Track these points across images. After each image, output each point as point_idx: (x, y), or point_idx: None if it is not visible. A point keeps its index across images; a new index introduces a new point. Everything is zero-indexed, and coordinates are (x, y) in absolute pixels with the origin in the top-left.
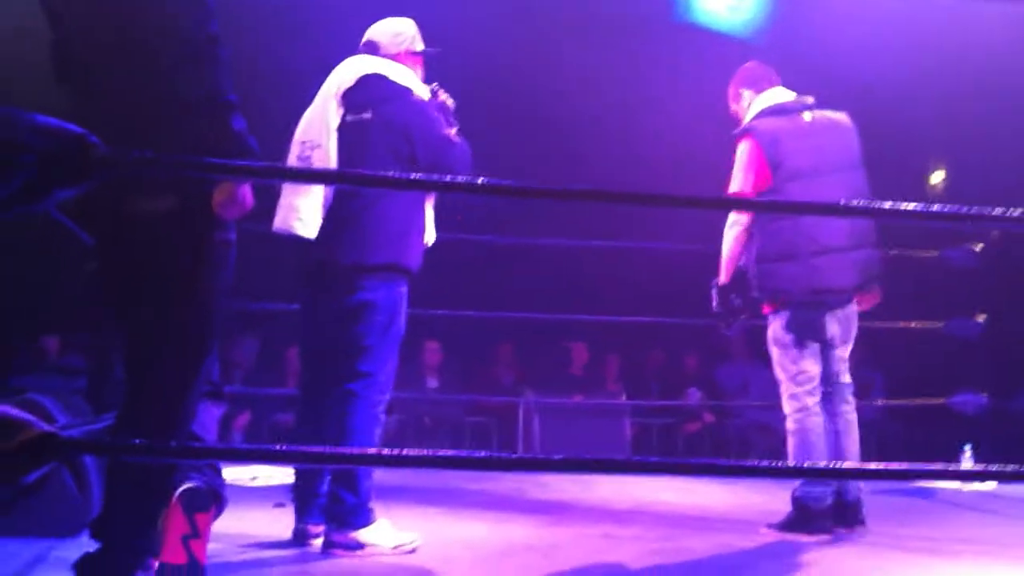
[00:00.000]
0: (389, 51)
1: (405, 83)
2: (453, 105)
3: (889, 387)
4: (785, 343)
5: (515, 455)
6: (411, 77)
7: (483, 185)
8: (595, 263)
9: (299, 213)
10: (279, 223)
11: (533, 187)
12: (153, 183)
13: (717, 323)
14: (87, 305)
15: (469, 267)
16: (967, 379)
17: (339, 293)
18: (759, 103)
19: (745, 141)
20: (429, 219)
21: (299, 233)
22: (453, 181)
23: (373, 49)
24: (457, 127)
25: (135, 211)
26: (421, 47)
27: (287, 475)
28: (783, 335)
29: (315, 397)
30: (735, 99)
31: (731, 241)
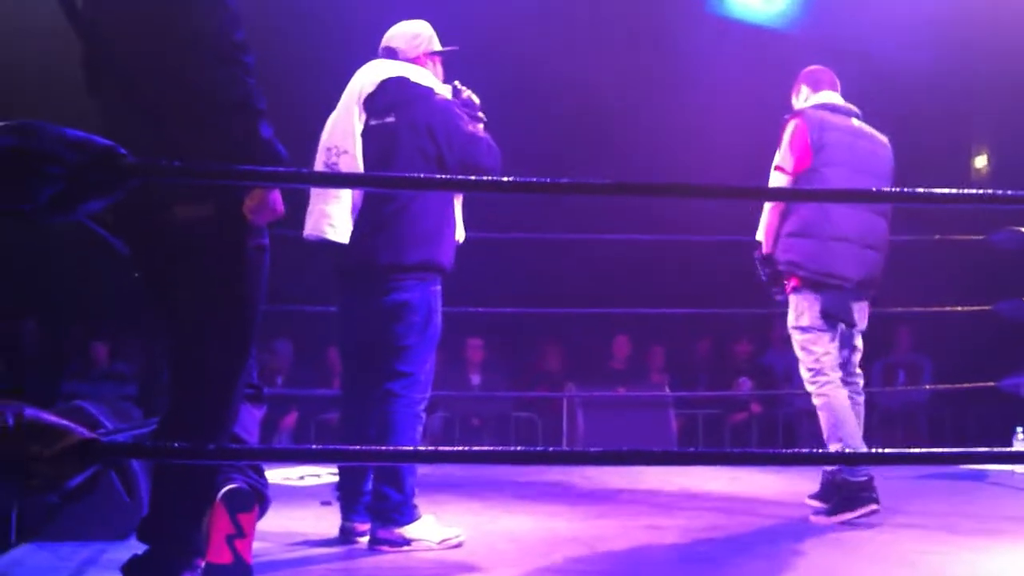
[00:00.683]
0: (408, 54)
1: (427, 84)
2: (478, 101)
3: (939, 372)
4: (810, 327)
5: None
6: (431, 78)
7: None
8: (636, 256)
9: (331, 219)
10: (310, 229)
11: (560, 183)
12: (186, 191)
13: (770, 292)
14: (136, 312)
15: (509, 263)
16: (1018, 361)
17: (376, 294)
18: (814, 98)
19: (794, 121)
20: (459, 217)
21: (331, 238)
22: (480, 181)
23: (392, 54)
24: (484, 123)
25: (169, 219)
26: (439, 47)
27: (334, 474)
28: (811, 319)
29: (356, 397)
30: (796, 92)
31: (770, 215)
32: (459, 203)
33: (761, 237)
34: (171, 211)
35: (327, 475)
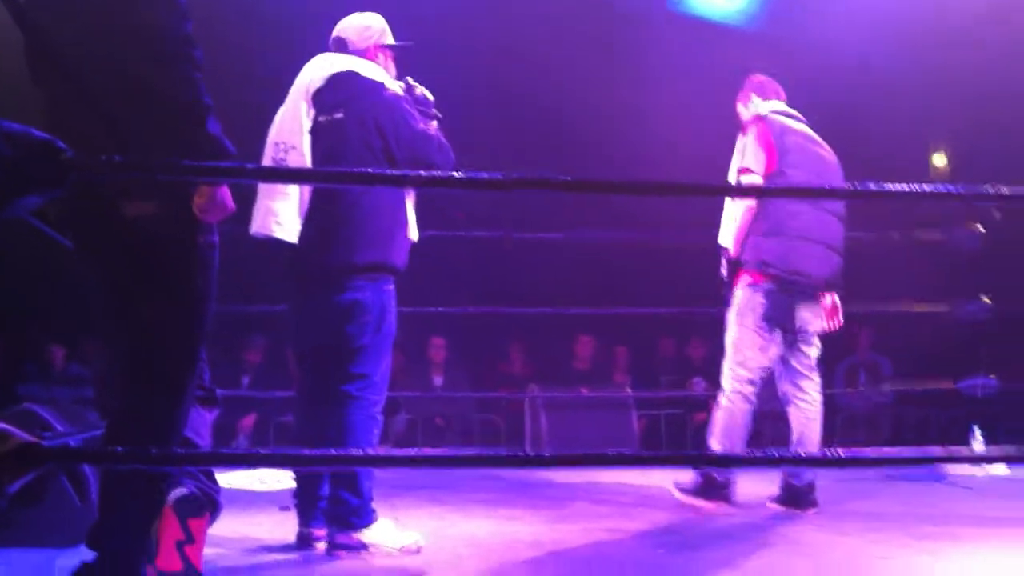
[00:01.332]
0: (358, 46)
1: (377, 79)
2: (432, 98)
3: (898, 371)
4: (747, 324)
5: (498, 452)
6: (382, 72)
7: (460, 179)
8: (600, 256)
9: (278, 216)
10: (257, 227)
11: (511, 178)
12: (132, 187)
13: (722, 290)
14: (92, 312)
15: (471, 263)
16: (976, 362)
17: (327, 295)
18: (766, 106)
19: (757, 124)
20: (411, 216)
21: (278, 236)
22: (428, 176)
23: (342, 45)
24: (437, 120)
25: (115, 216)
26: (391, 41)
27: (293, 478)
28: (750, 317)
29: (311, 400)
30: (743, 100)
31: (742, 217)
32: (411, 202)
33: (728, 238)
34: (117, 207)
35: (287, 479)
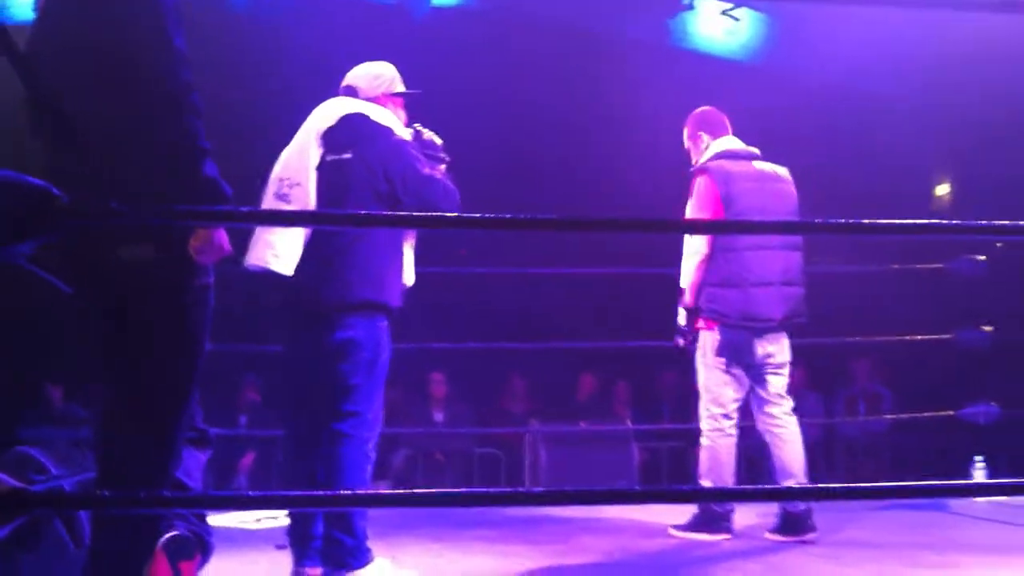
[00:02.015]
0: (368, 94)
1: (386, 123)
2: (440, 142)
3: (900, 401)
4: (711, 364)
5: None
6: (392, 118)
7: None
8: (602, 290)
9: (275, 249)
10: (253, 259)
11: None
12: (129, 231)
13: (681, 338)
14: (90, 353)
15: (471, 299)
16: (978, 390)
17: (321, 332)
18: (715, 147)
19: (702, 178)
20: (408, 260)
21: (274, 268)
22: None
23: (352, 92)
24: (446, 164)
25: (110, 260)
26: (401, 89)
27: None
28: (712, 358)
29: (303, 438)
30: (693, 139)
31: (693, 268)
32: (411, 246)
33: (685, 286)
34: (112, 252)
35: (284, 518)
